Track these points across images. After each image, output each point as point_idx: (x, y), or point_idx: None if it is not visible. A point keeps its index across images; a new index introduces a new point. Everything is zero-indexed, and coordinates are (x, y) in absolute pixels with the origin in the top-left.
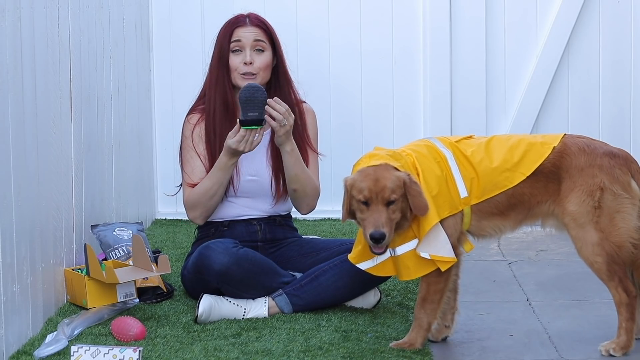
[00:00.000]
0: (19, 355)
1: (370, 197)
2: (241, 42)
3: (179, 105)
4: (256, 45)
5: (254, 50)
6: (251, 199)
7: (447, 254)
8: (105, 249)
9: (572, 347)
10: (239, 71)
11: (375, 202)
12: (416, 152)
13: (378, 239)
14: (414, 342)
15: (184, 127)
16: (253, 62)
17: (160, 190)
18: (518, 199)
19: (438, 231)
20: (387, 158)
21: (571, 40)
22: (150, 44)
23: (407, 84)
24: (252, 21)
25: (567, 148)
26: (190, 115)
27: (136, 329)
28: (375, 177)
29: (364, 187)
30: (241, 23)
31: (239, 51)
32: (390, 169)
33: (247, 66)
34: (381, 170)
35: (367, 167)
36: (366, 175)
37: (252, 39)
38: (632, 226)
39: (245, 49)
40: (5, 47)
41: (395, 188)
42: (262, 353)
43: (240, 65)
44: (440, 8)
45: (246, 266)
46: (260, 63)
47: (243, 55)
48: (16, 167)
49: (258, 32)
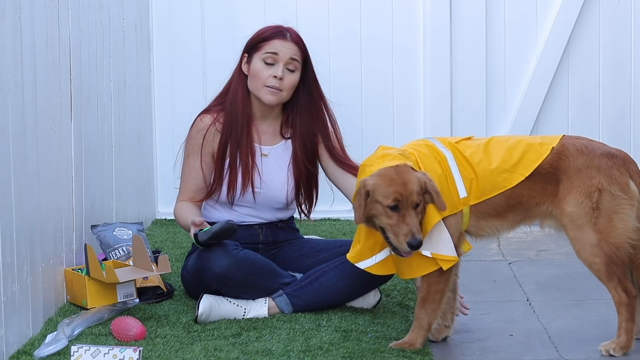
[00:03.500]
0: (19, 355)
1: (400, 202)
2: (277, 56)
3: (179, 105)
4: (290, 64)
5: (286, 67)
6: (253, 209)
7: (450, 253)
8: (105, 249)
9: (572, 347)
10: (266, 83)
11: (406, 206)
12: (418, 151)
13: (416, 247)
14: (414, 342)
15: (193, 125)
16: (283, 78)
17: (160, 190)
18: (516, 200)
19: (441, 230)
20: (401, 157)
21: (571, 40)
22: (150, 44)
23: (407, 84)
24: (293, 37)
25: (566, 149)
26: (204, 115)
27: (136, 329)
28: (403, 180)
29: (393, 192)
30: (283, 36)
31: (271, 64)
32: (410, 170)
33: (276, 80)
34: (403, 172)
35: (386, 168)
36: (391, 179)
37: (289, 56)
38: (630, 227)
39: (279, 63)
40: (5, 47)
41: (420, 191)
42: (262, 353)
43: (270, 78)
44: (440, 8)
45: (246, 268)
46: (289, 82)
47: (275, 68)
48: (16, 167)
49: (296, 51)
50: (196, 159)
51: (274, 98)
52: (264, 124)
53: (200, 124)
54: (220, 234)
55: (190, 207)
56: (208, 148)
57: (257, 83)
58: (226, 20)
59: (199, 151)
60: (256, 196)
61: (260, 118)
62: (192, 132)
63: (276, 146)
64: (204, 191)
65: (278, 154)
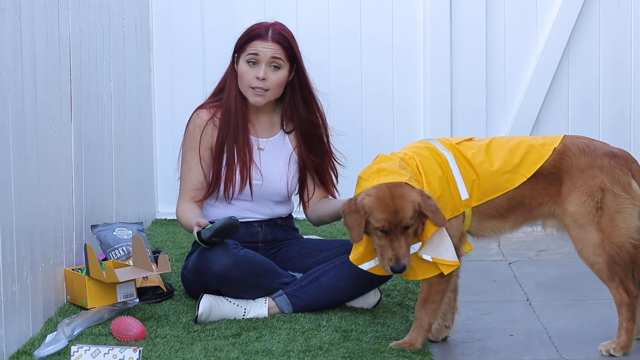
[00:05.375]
0: (19, 355)
1: (389, 228)
2: (258, 56)
3: (179, 105)
4: (272, 62)
5: (270, 66)
6: (251, 202)
7: (451, 258)
8: (105, 249)
9: (572, 347)
10: (250, 84)
11: (394, 231)
12: (418, 155)
13: (399, 272)
14: (414, 342)
15: (190, 121)
16: (267, 78)
17: (161, 190)
18: (519, 201)
19: (442, 235)
20: (398, 173)
21: (571, 40)
22: (150, 44)
23: (407, 84)
24: (274, 36)
25: (568, 149)
26: (200, 110)
27: (136, 329)
28: (395, 208)
29: (382, 219)
30: (262, 36)
31: (254, 63)
32: (406, 193)
33: (259, 81)
34: (397, 195)
35: (381, 186)
36: (385, 205)
37: (270, 56)
38: (632, 227)
39: (260, 63)
40: (5, 47)
41: (413, 214)
42: (262, 353)
43: (253, 79)
44: (440, 8)
45: (246, 267)
46: (273, 80)
47: (257, 69)
48: (16, 167)
49: (277, 49)
50: (195, 155)
51: (259, 99)
52: (259, 117)
53: (198, 119)
54: (224, 230)
55: (193, 208)
56: (206, 143)
57: (243, 84)
58: (226, 20)
59: (197, 146)
60: (255, 189)
61: (255, 112)
62: (189, 128)
63: (272, 138)
64: (204, 189)
65: (275, 146)
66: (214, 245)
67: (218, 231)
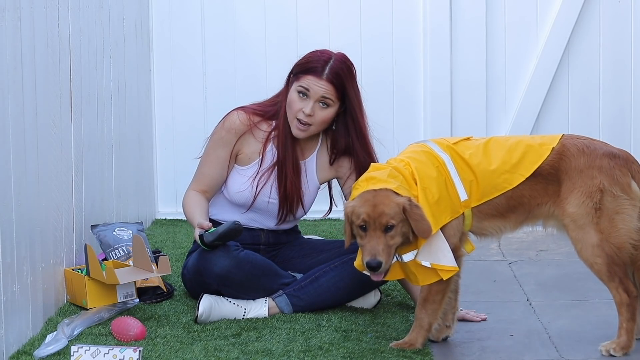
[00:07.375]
0: (19, 355)
1: (367, 222)
2: (309, 92)
3: (179, 105)
4: (322, 100)
5: (319, 103)
6: (259, 214)
7: (449, 263)
8: (105, 249)
9: (573, 347)
10: (296, 115)
11: (373, 227)
12: (414, 160)
13: (374, 268)
14: (414, 342)
15: (227, 119)
16: (313, 114)
17: (161, 190)
18: (518, 201)
19: (439, 240)
20: (386, 181)
21: (571, 40)
22: (150, 44)
23: (407, 84)
24: (328, 76)
25: (566, 149)
26: (240, 112)
27: (136, 329)
28: (374, 202)
29: (362, 212)
30: (317, 72)
31: (304, 95)
32: (390, 195)
33: (305, 116)
34: (380, 195)
35: (367, 191)
36: (365, 200)
37: (320, 95)
38: (632, 227)
39: (310, 99)
40: (5, 47)
41: (394, 214)
42: (262, 353)
43: (300, 112)
44: (440, 8)
45: (247, 269)
46: (319, 117)
47: (306, 103)
48: (16, 167)
49: (329, 90)
50: (221, 152)
51: (301, 133)
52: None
53: (237, 122)
54: (227, 235)
55: (199, 202)
56: (238, 147)
57: (290, 113)
58: (226, 20)
59: (230, 147)
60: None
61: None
62: (225, 126)
63: (307, 160)
64: (217, 190)
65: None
66: (215, 247)
67: (221, 236)
